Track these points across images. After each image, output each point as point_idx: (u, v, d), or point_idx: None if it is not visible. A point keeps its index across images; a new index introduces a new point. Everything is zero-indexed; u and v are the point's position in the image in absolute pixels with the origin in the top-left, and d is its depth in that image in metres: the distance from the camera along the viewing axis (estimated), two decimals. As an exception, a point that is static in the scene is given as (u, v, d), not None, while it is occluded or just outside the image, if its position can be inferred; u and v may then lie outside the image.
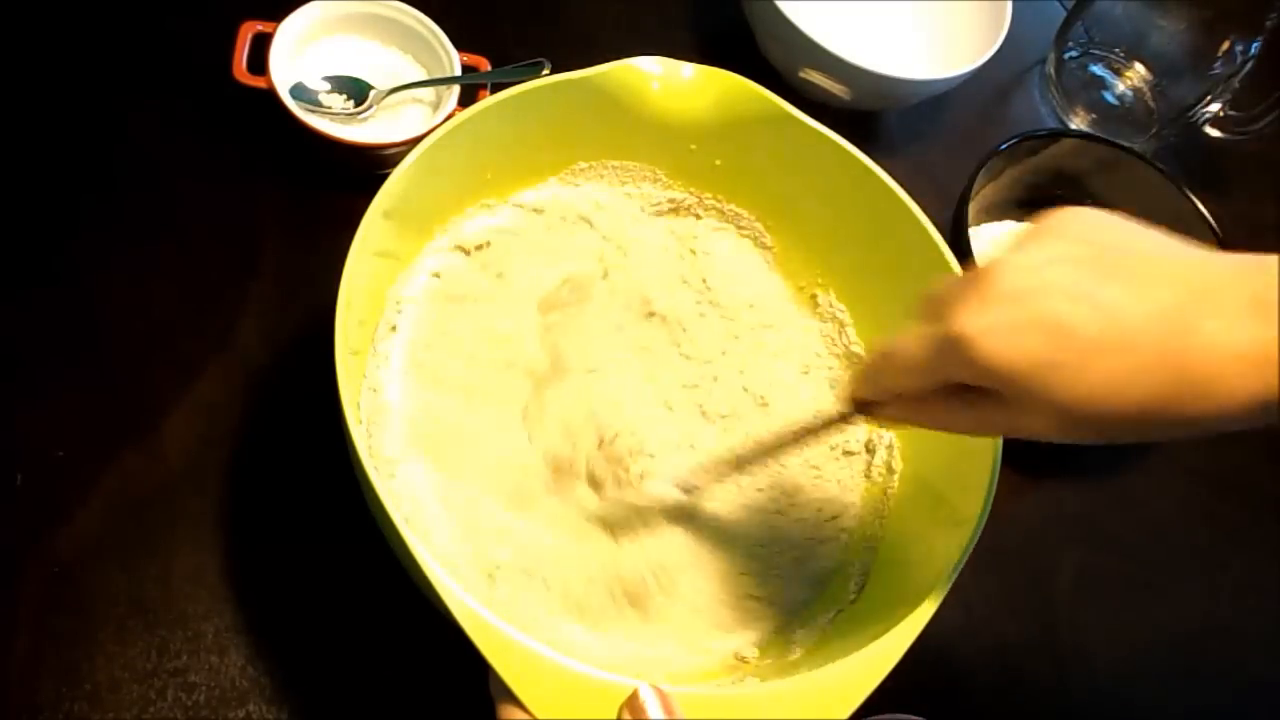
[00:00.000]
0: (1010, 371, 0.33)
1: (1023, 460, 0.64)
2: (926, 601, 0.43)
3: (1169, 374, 0.32)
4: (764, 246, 0.63)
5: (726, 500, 0.55)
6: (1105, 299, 0.33)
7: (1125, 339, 0.32)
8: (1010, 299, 0.34)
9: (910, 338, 0.37)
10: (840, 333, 0.61)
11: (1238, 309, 0.32)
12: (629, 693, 0.37)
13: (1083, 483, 0.70)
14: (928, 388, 0.38)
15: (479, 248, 0.57)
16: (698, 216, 0.63)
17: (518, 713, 0.37)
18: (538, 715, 0.37)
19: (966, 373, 0.35)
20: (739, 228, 0.63)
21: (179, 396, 0.55)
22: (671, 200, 0.62)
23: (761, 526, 0.55)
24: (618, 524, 0.52)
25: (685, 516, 0.53)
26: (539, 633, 0.44)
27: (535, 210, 0.59)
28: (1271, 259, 0.33)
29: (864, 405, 0.42)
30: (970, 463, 0.49)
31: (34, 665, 0.47)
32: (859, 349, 0.60)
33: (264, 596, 0.51)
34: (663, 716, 0.37)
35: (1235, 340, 0.31)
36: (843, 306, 0.61)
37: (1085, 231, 0.35)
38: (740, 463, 0.51)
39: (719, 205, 0.62)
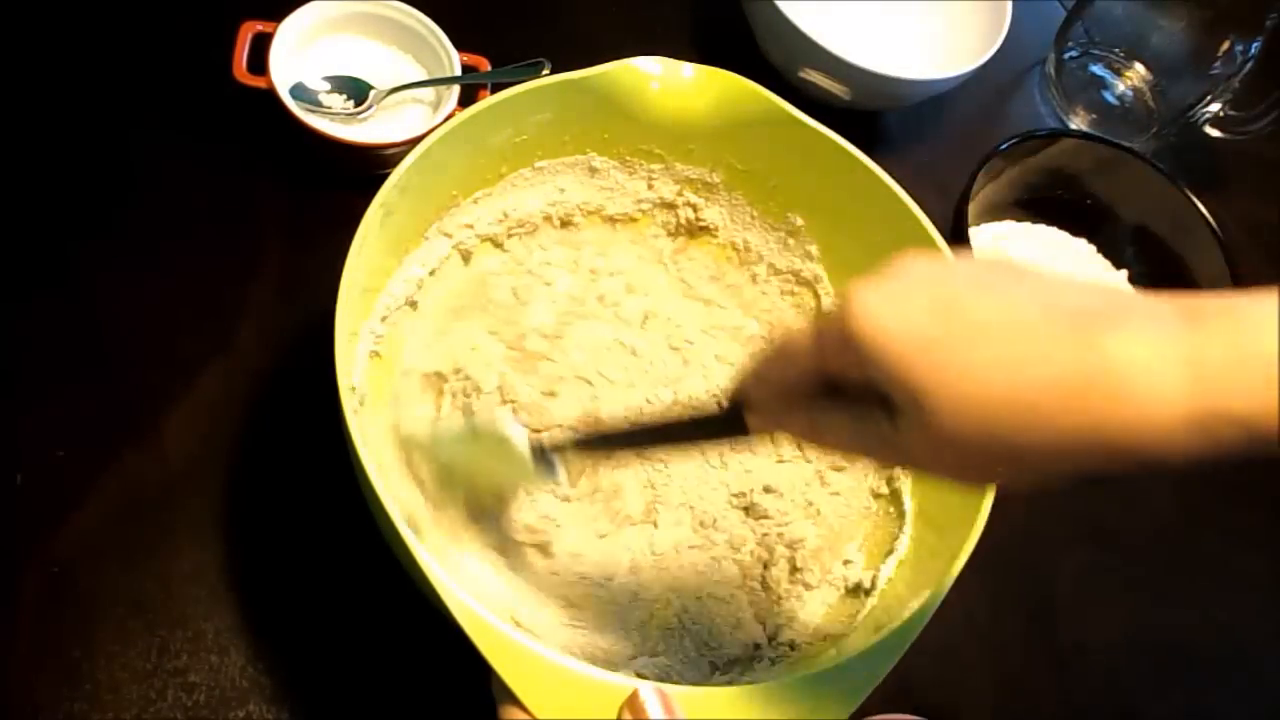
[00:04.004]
0: (892, 346, 0.30)
1: (1023, 460, 0.64)
2: (926, 602, 0.43)
3: (1070, 370, 0.28)
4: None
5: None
6: (1006, 291, 0.30)
7: (1021, 327, 0.29)
8: (910, 280, 0.31)
9: (797, 329, 0.35)
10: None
11: (1164, 314, 0.28)
12: (629, 693, 0.37)
13: (1083, 483, 0.69)
14: (809, 382, 0.34)
15: (479, 248, 0.57)
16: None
17: (518, 713, 0.37)
18: (538, 715, 0.37)
19: (848, 356, 0.32)
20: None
21: (179, 396, 0.55)
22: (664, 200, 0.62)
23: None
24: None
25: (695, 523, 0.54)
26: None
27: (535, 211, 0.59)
28: (1162, 296, 0.29)
29: (743, 404, 0.38)
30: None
31: (34, 665, 0.47)
32: None
33: (264, 596, 0.51)
34: (663, 716, 0.37)
35: (1159, 339, 0.28)
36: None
37: (998, 257, 0.34)
38: (607, 433, 0.48)
39: (717, 205, 0.62)
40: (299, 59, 0.63)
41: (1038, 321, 0.29)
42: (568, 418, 0.54)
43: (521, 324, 0.57)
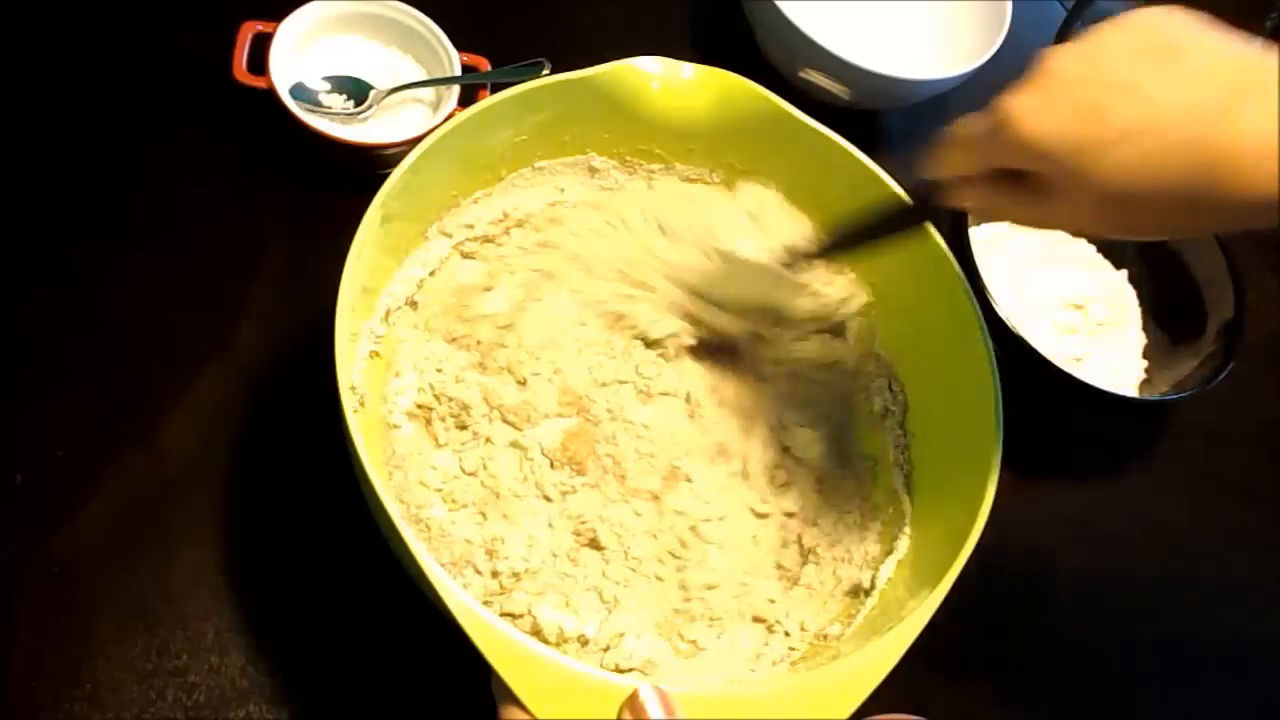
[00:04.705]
0: (1043, 149, 0.36)
1: (1023, 460, 0.64)
2: (926, 602, 0.43)
3: (1198, 158, 0.34)
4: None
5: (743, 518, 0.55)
6: (1146, 88, 0.34)
7: (1155, 124, 0.34)
8: (1056, 83, 0.36)
9: (969, 117, 0.40)
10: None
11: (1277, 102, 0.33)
12: (629, 693, 0.37)
13: (1083, 483, 0.70)
14: (982, 169, 0.41)
15: (479, 247, 0.57)
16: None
17: (518, 713, 0.37)
18: (538, 715, 0.37)
19: (1008, 151, 0.38)
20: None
21: (179, 396, 0.55)
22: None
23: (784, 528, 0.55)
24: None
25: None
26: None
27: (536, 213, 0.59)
28: None
29: (936, 185, 0.44)
30: (970, 464, 0.49)
31: (34, 665, 0.47)
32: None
33: (264, 596, 0.51)
34: (663, 716, 0.37)
35: (1269, 130, 0.33)
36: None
37: (1152, 25, 0.36)
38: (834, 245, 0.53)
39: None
40: (299, 59, 0.63)
41: (1179, 119, 0.34)
42: (549, 408, 0.54)
43: (475, 312, 0.56)
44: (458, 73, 0.64)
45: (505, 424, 0.53)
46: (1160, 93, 0.34)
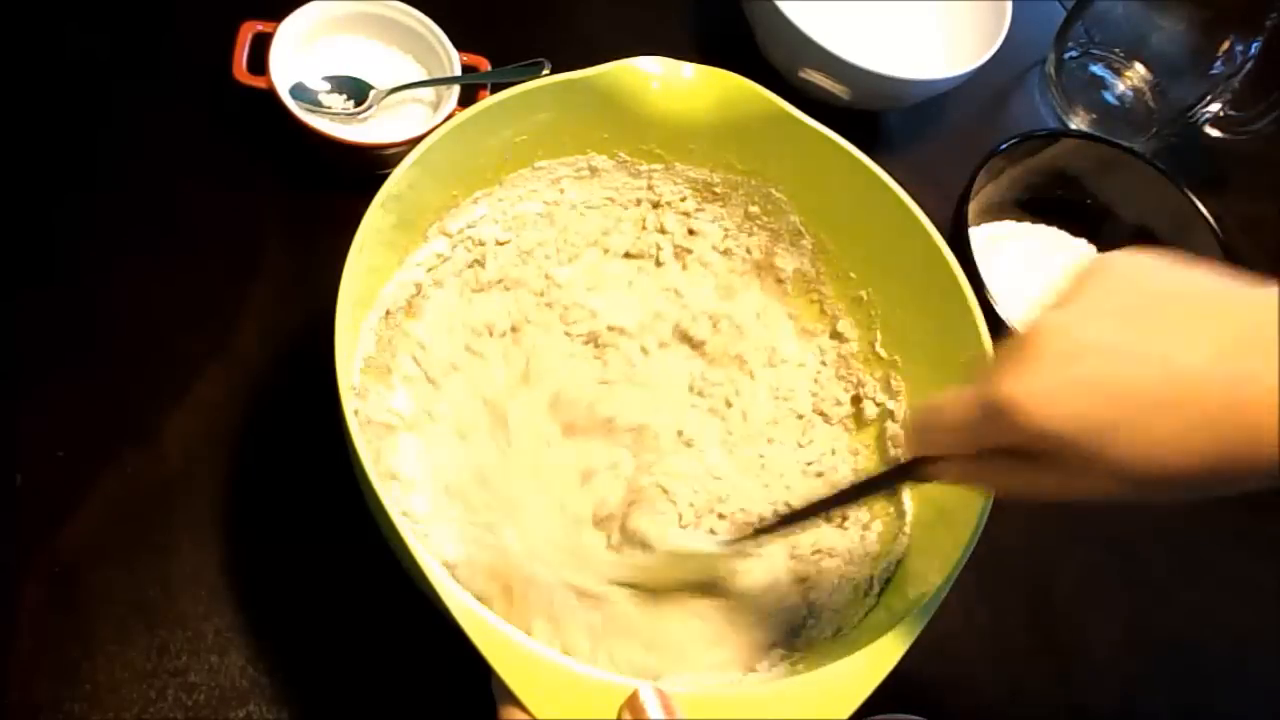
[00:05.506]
0: (1065, 435, 0.32)
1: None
2: (926, 602, 0.43)
3: (1231, 423, 0.30)
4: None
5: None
6: (1156, 353, 0.31)
7: (1184, 392, 0.31)
8: (1058, 360, 0.32)
9: (956, 398, 0.36)
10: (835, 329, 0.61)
11: None
12: (629, 693, 0.37)
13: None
14: (975, 448, 0.37)
15: (479, 247, 0.57)
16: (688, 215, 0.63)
17: (519, 713, 0.37)
18: (538, 715, 0.37)
19: (1017, 437, 0.33)
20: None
21: (179, 396, 0.55)
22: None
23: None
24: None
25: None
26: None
27: (536, 213, 0.59)
28: None
29: (921, 462, 0.40)
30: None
31: (34, 665, 0.47)
32: (853, 345, 0.60)
33: (264, 596, 0.51)
34: (663, 716, 0.37)
35: None
36: (842, 306, 0.61)
37: (1124, 280, 0.33)
38: (786, 522, 0.49)
39: (716, 205, 0.62)
40: (299, 59, 0.63)
41: (1196, 381, 0.31)
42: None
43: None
44: (458, 73, 0.64)
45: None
46: (1172, 358, 0.31)
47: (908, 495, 0.54)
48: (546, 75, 0.59)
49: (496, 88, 0.56)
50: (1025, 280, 0.70)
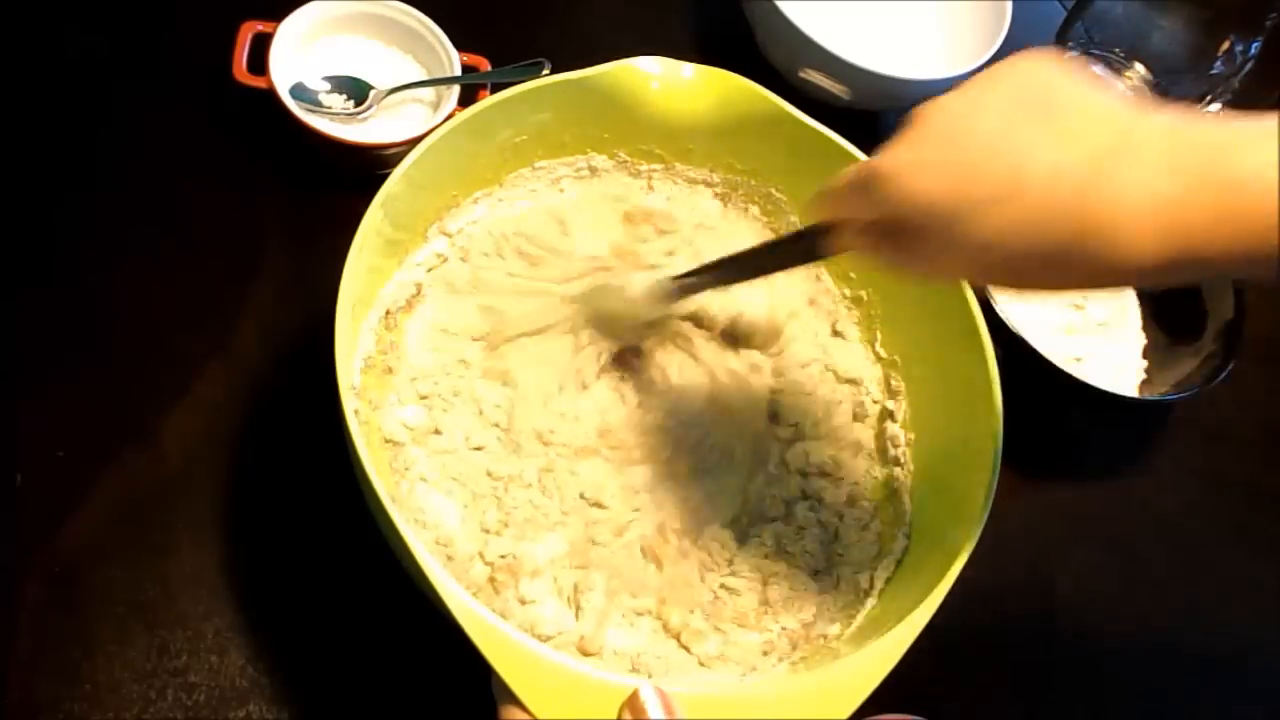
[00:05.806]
0: (919, 211, 0.35)
1: (1023, 460, 0.64)
2: (926, 602, 0.43)
3: (1069, 223, 0.33)
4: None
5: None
6: (1020, 148, 0.33)
7: (1027, 187, 0.33)
8: (933, 140, 0.36)
9: (850, 168, 0.39)
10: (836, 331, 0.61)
11: (1153, 165, 0.32)
12: (629, 693, 0.37)
13: (1083, 483, 0.70)
14: (864, 218, 0.39)
15: (479, 248, 0.57)
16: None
17: (519, 713, 0.37)
18: (538, 715, 0.37)
19: (883, 206, 0.37)
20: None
21: (179, 396, 0.55)
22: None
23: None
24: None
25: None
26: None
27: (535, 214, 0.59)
28: (1201, 118, 0.33)
29: (821, 228, 0.43)
30: (970, 464, 0.49)
31: (34, 665, 0.47)
32: (853, 345, 0.60)
33: (264, 596, 0.51)
34: (663, 716, 0.37)
35: (1140, 195, 0.32)
36: (842, 306, 0.61)
37: (1027, 79, 0.36)
38: (716, 268, 0.51)
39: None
40: (299, 59, 0.63)
41: (1049, 183, 0.33)
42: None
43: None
44: (458, 73, 0.64)
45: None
46: (1031, 156, 0.33)
47: (907, 496, 0.54)
48: (546, 75, 0.59)
49: (496, 88, 0.56)
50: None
